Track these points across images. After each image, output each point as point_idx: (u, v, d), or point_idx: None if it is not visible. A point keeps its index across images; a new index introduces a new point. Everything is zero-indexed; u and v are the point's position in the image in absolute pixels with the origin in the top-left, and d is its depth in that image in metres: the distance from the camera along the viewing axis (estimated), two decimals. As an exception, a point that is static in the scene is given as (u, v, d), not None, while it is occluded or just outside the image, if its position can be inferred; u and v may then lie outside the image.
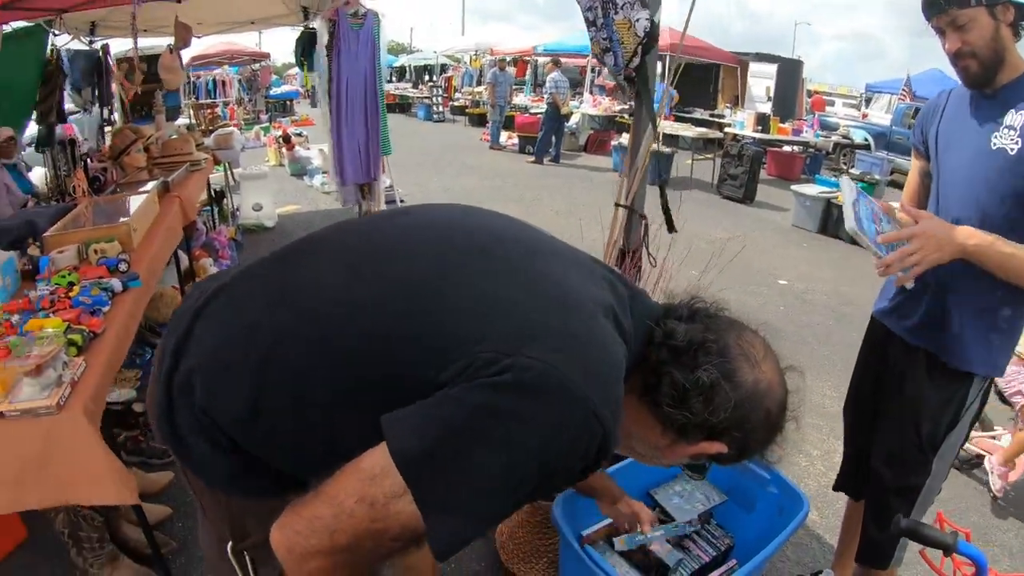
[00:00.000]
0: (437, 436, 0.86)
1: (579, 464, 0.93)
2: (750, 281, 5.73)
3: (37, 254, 2.72)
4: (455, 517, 0.86)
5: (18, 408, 1.72)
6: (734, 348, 1.05)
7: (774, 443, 1.12)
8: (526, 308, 0.95)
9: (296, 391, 0.98)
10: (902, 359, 1.97)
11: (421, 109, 21.64)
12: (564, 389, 0.87)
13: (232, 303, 1.09)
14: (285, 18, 6.97)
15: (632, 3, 2.03)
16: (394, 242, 1.11)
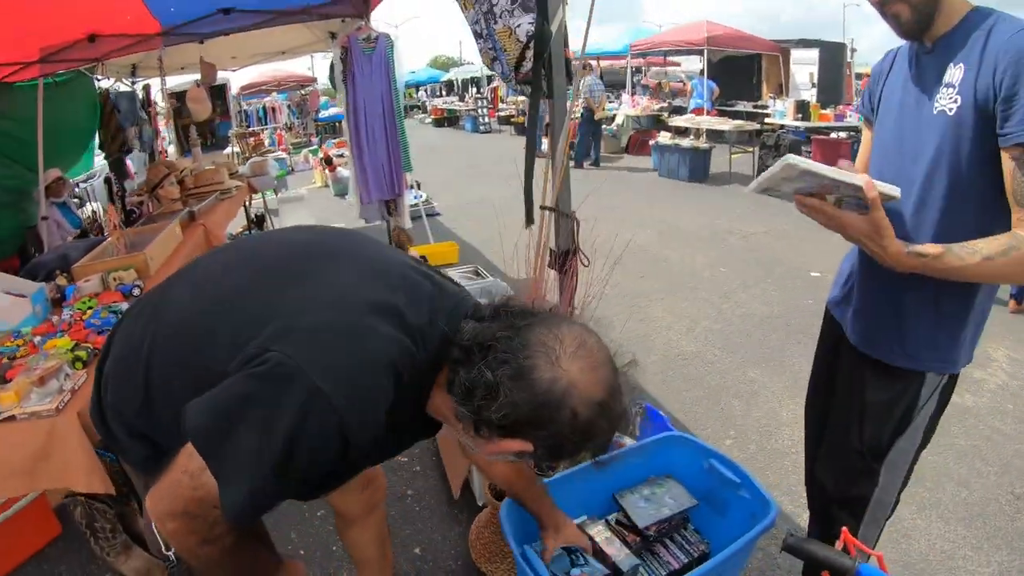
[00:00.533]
0: (213, 416, 1.04)
1: (327, 450, 1.04)
2: (779, 275, 5.73)
3: (64, 283, 3.09)
4: (234, 488, 1.01)
5: (26, 411, 2.11)
6: (534, 345, 1.07)
7: (599, 443, 1.15)
8: (293, 310, 1.11)
9: (166, 385, 1.22)
10: (852, 357, 1.76)
11: (468, 121, 21.96)
12: (297, 378, 1.00)
13: (131, 321, 1.36)
14: (314, 45, 7.37)
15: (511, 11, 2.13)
16: (226, 262, 1.34)
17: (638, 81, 17.04)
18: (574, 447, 1.10)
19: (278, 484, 1.03)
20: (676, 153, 10.29)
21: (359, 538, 2.03)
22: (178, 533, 1.07)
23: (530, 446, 1.08)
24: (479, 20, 2.28)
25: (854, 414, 1.75)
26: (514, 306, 1.18)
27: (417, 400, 1.21)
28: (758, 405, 3.67)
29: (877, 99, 1.69)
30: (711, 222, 7.62)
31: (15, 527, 2.85)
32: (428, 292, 1.22)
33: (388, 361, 1.08)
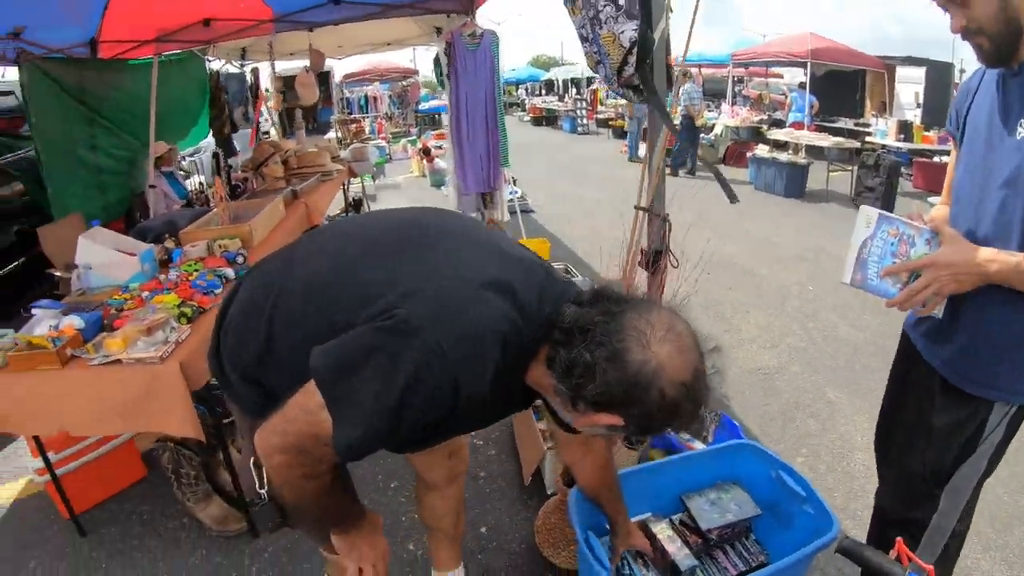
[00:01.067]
0: (338, 361, 1.16)
1: (440, 399, 1.15)
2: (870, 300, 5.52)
3: (172, 247, 3.32)
4: (350, 426, 1.13)
5: (132, 357, 2.29)
6: (627, 330, 1.15)
7: (683, 422, 1.21)
8: (419, 277, 1.22)
9: (288, 337, 1.36)
10: (921, 378, 1.76)
11: (567, 122, 21.91)
12: (422, 334, 1.12)
13: (259, 274, 1.52)
14: (419, 38, 7.56)
15: (615, 18, 2.19)
16: (353, 232, 1.49)
17: (739, 91, 16.69)
18: (661, 424, 1.20)
19: (390, 428, 1.14)
20: (773, 167, 10.03)
21: (437, 505, 2.14)
22: (283, 467, 1.21)
23: (621, 421, 1.18)
24: (585, 25, 2.35)
25: (919, 436, 1.74)
26: (611, 293, 1.26)
27: (518, 372, 1.30)
28: (834, 427, 3.58)
29: (963, 118, 1.65)
30: (804, 240, 7.42)
31: (104, 466, 3.10)
32: (539, 276, 1.33)
33: (499, 332, 1.18)
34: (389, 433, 1.16)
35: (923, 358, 1.74)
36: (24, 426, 2.51)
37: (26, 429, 2.55)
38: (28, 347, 2.38)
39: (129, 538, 2.90)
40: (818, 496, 1.98)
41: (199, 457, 2.84)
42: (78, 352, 2.40)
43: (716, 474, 2.23)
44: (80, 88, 4.90)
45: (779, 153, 10.33)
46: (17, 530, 3.04)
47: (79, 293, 3.06)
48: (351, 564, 1.49)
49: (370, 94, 17.93)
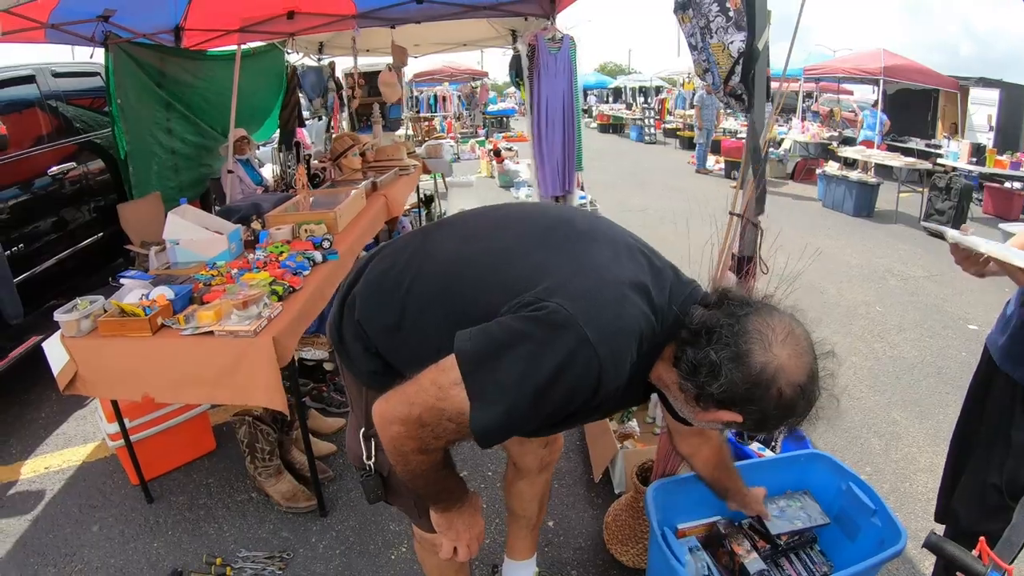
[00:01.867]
0: (484, 344, 1.19)
1: (583, 389, 1.18)
2: (936, 324, 5.40)
3: (259, 228, 3.41)
4: (491, 408, 1.16)
5: (225, 329, 2.36)
6: (751, 333, 1.20)
7: (796, 421, 1.26)
8: (567, 273, 1.26)
9: (420, 316, 1.41)
10: (1004, 393, 1.81)
11: (634, 130, 21.79)
12: (573, 327, 1.15)
13: (391, 254, 1.56)
14: (495, 40, 7.64)
15: (726, 28, 2.21)
16: (494, 223, 1.53)
17: (808, 106, 16.37)
18: (776, 421, 1.25)
19: (530, 412, 1.18)
20: (842, 185, 9.81)
21: (525, 491, 2.18)
22: (400, 437, 1.25)
23: (739, 417, 1.23)
24: (695, 33, 2.39)
25: (998, 449, 1.77)
26: (736, 296, 1.30)
27: (646, 368, 1.35)
28: (898, 447, 3.53)
29: None
30: (872, 260, 7.26)
31: (177, 436, 3.21)
32: (670, 278, 1.38)
33: (638, 330, 1.23)
34: (527, 418, 1.19)
35: (1003, 372, 1.78)
36: (107, 390, 2.59)
37: (109, 392, 2.64)
38: (120, 313, 2.47)
39: (196, 507, 2.99)
40: (887, 509, 1.97)
41: (275, 434, 2.91)
42: (168, 322, 2.48)
43: (786, 482, 2.23)
44: (160, 73, 5.12)
45: (849, 171, 10.11)
46: (84, 492, 3.16)
47: (164, 267, 3.16)
48: (447, 542, 1.53)
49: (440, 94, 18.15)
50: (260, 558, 2.63)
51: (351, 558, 2.66)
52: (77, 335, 2.49)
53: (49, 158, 4.43)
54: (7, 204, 4.00)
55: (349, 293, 1.58)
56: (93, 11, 4.25)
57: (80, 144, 4.81)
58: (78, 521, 2.95)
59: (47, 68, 4.68)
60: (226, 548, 2.73)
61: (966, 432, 2.03)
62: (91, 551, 2.76)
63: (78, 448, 3.57)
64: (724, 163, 13.35)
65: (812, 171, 11.95)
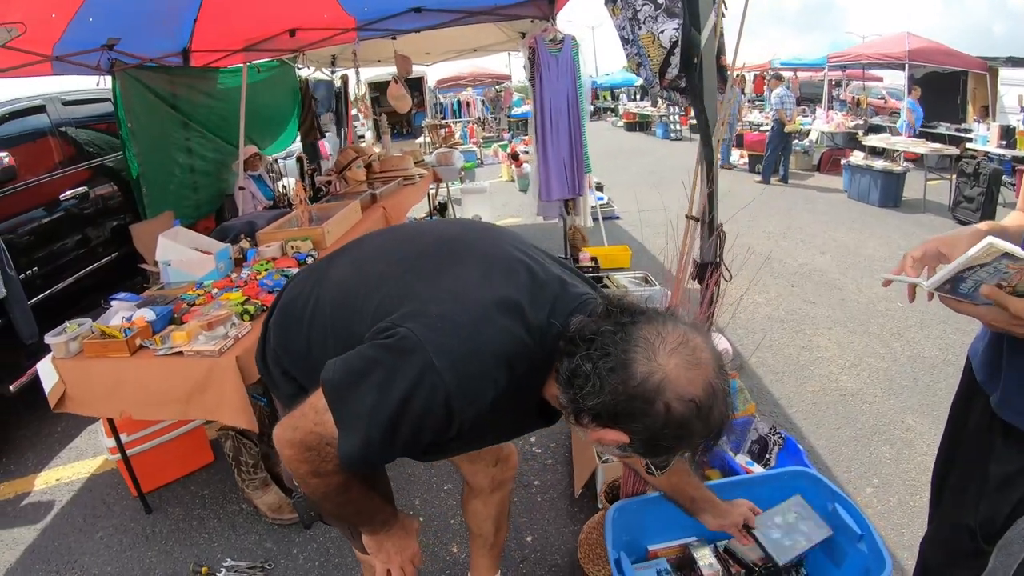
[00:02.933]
0: (343, 373, 1.22)
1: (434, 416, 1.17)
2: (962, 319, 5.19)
3: (248, 246, 3.50)
4: (350, 435, 1.19)
5: (192, 350, 2.45)
6: (636, 340, 1.12)
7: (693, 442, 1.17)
8: (425, 297, 1.27)
9: (322, 341, 1.45)
10: (983, 416, 1.51)
11: (660, 127, 21.64)
12: (419, 352, 1.15)
13: (301, 282, 1.64)
14: (506, 44, 7.68)
15: (655, 17, 2.10)
16: (381, 245, 1.55)
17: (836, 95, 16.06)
18: (669, 444, 1.15)
19: (386, 439, 1.18)
20: (868, 175, 9.56)
21: (480, 511, 2.17)
22: (291, 460, 1.28)
23: (626, 438, 1.15)
24: (625, 26, 2.28)
25: (973, 484, 1.52)
26: (625, 304, 1.23)
27: (534, 389, 1.33)
28: (910, 456, 3.36)
29: None
30: (896, 253, 7.04)
31: (174, 449, 3.32)
32: (552, 292, 1.33)
33: (500, 352, 1.20)
34: (384, 445, 1.19)
35: (983, 392, 1.51)
36: (91, 407, 2.73)
37: (92, 410, 2.78)
38: (101, 336, 2.59)
39: (190, 518, 3.09)
40: (874, 534, 1.88)
41: (258, 447, 2.98)
42: (147, 343, 2.59)
43: (771, 499, 2.13)
44: (172, 95, 5.27)
45: (874, 160, 9.88)
46: (90, 503, 3.31)
47: (158, 287, 3.27)
48: (379, 564, 1.54)
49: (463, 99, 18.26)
50: (243, 567, 2.71)
51: (329, 570, 2.71)
52: (66, 356, 2.63)
53: (61, 184, 4.60)
54: (22, 230, 4.17)
55: (268, 321, 1.64)
56: (97, 40, 4.40)
57: (92, 168, 4.99)
58: (81, 530, 3.09)
59: (57, 97, 4.87)
60: (214, 557, 2.82)
61: (945, 461, 1.74)
62: (90, 559, 2.89)
63: (88, 461, 3.73)
64: (748, 157, 13.07)
65: (838, 162, 11.68)
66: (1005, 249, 1.10)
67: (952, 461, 1.67)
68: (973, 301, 1.25)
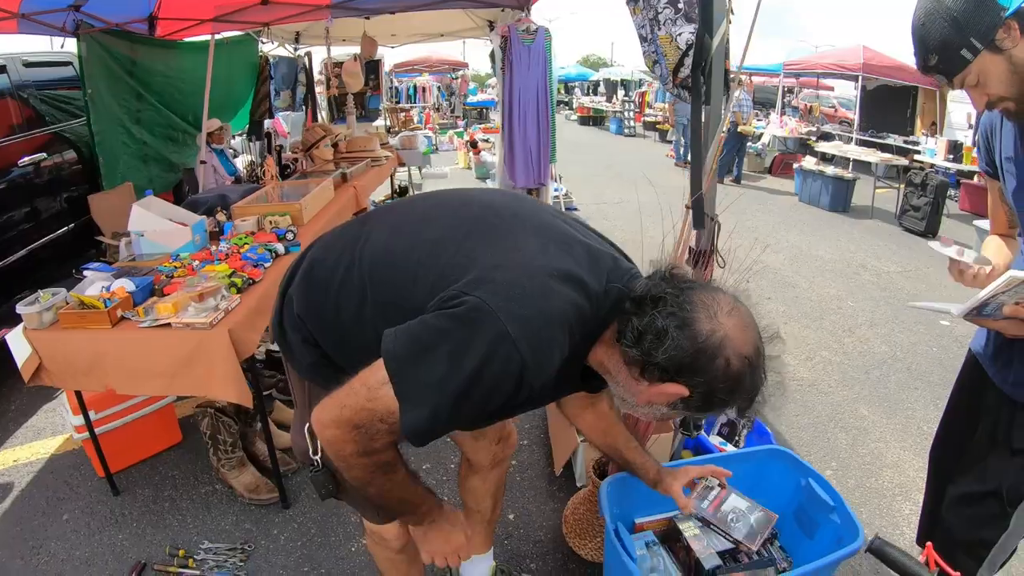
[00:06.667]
0: (408, 344, 1.18)
1: (506, 384, 1.16)
2: (908, 319, 5.45)
3: (223, 220, 3.41)
4: (417, 407, 1.16)
5: (181, 322, 2.36)
6: (696, 303, 1.20)
7: (743, 400, 1.25)
8: (490, 265, 1.24)
9: (358, 305, 1.40)
10: (998, 404, 1.74)
11: (613, 122, 21.86)
12: (492, 321, 1.13)
13: (327, 246, 1.56)
14: (473, 31, 7.62)
15: (674, 20, 2.22)
16: (423, 213, 1.50)
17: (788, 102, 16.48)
18: (722, 397, 1.22)
19: (456, 410, 1.17)
20: (819, 180, 9.90)
21: (478, 487, 2.18)
22: (337, 441, 1.24)
23: (685, 391, 1.20)
24: (645, 25, 2.38)
25: (994, 459, 1.73)
26: (680, 273, 1.31)
27: (584, 355, 1.35)
28: (865, 443, 3.55)
29: (997, 157, 1.64)
30: (846, 255, 7.32)
31: (142, 428, 3.21)
32: (608, 264, 1.36)
33: (566, 320, 1.21)
34: (453, 416, 1.18)
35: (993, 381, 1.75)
36: (71, 381, 2.58)
37: (73, 384, 2.63)
38: (80, 306, 2.47)
39: (161, 499, 2.99)
40: (846, 506, 1.96)
41: (237, 425, 2.92)
42: (128, 315, 2.48)
43: (747, 476, 2.19)
44: (131, 62, 5.07)
45: (826, 166, 10.20)
46: (52, 484, 3.15)
47: (129, 259, 3.15)
48: (424, 553, 1.53)
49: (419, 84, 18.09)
50: (222, 550, 2.64)
51: (312, 550, 2.68)
52: (39, 327, 2.49)
53: (20, 149, 4.39)
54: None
55: (288, 286, 1.58)
56: (64, 0, 4.21)
57: (52, 134, 4.77)
58: (45, 513, 2.94)
59: (18, 57, 4.64)
60: (189, 540, 2.73)
61: (950, 443, 1.98)
62: (57, 543, 2.75)
63: (47, 440, 3.56)
64: (698, 158, 13.29)
65: (790, 166, 12.03)
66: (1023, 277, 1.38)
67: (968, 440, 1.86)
68: (994, 318, 1.52)
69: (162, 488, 3.06)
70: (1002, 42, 1.32)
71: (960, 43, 1.34)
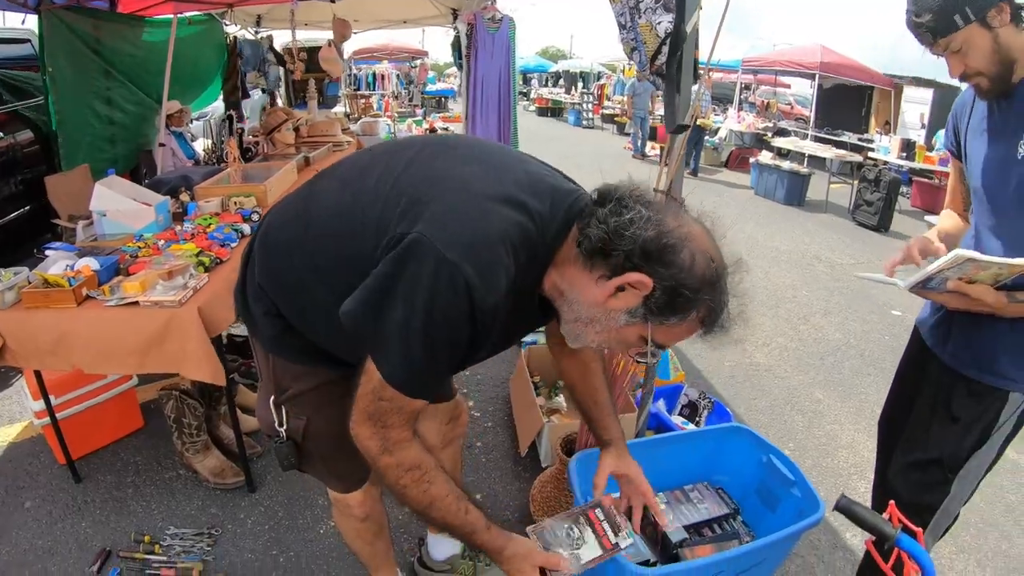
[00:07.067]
0: (363, 300, 1.19)
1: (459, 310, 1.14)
2: (862, 308, 5.62)
3: (187, 200, 3.36)
4: (390, 358, 1.18)
5: (150, 300, 2.34)
6: (662, 206, 1.21)
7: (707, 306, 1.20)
8: (426, 199, 1.21)
9: (313, 267, 1.37)
10: (939, 374, 1.83)
11: (572, 114, 21.97)
12: (431, 251, 1.12)
13: (281, 211, 1.52)
14: (436, 19, 7.59)
15: (654, 8, 2.25)
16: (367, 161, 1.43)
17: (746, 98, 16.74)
18: (688, 296, 1.16)
19: (428, 349, 1.17)
20: (775, 174, 10.12)
21: None
22: (362, 440, 1.27)
23: (650, 281, 1.16)
24: (624, 12, 2.41)
25: (936, 428, 1.80)
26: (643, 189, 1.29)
27: (536, 280, 1.31)
28: (820, 425, 3.68)
29: (962, 137, 1.76)
30: (800, 247, 7.51)
31: (103, 413, 3.14)
32: (548, 184, 1.33)
33: (507, 239, 1.18)
34: (429, 357, 1.18)
35: (934, 353, 1.84)
36: (35, 361, 2.49)
37: (38, 364, 2.53)
38: (44, 284, 2.40)
39: (124, 486, 2.93)
40: (806, 480, 2.00)
41: (202, 408, 2.88)
42: (93, 293, 2.43)
43: (708, 453, 2.27)
44: (97, 40, 4.91)
45: (781, 161, 10.42)
46: (11, 473, 3.06)
47: (91, 239, 3.09)
48: None
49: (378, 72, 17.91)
50: (189, 535, 2.61)
51: (280, 533, 2.67)
52: (2, 307, 2.42)
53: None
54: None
55: (249, 256, 1.56)
56: (22, -25, 4.09)
57: (7, 114, 4.62)
58: (4, 503, 2.86)
59: (-28, 34, 4.48)
60: (154, 526, 2.69)
61: (896, 413, 2.08)
62: (19, 532, 2.68)
63: (3, 428, 3.45)
64: (660, 149, 13.44)
65: (746, 160, 12.26)
66: (968, 256, 1.44)
67: (907, 411, 1.98)
68: (938, 291, 1.62)
69: (125, 474, 3.01)
70: (992, 20, 1.44)
71: (955, 9, 1.45)
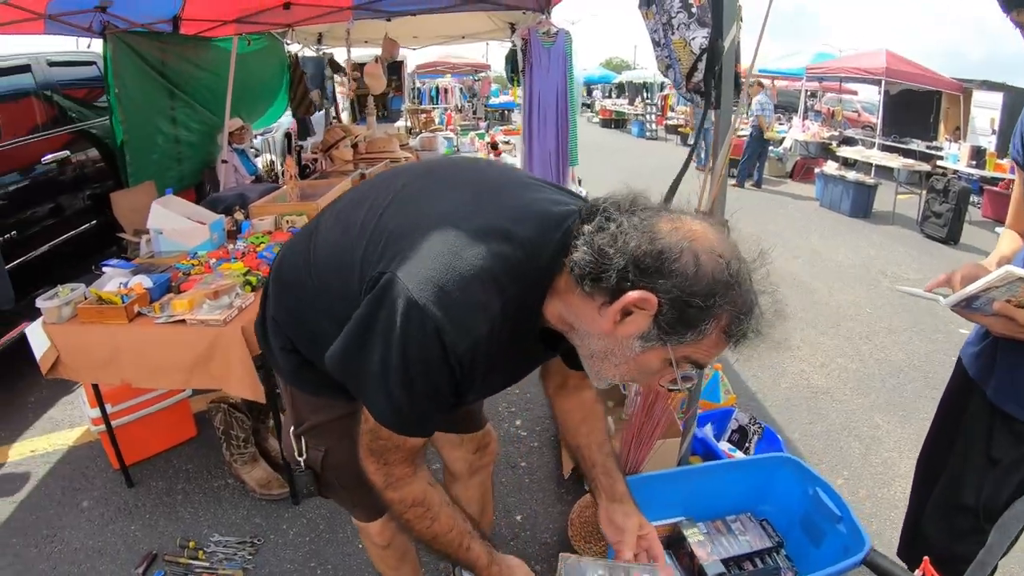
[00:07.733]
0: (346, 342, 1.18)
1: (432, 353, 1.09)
2: (927, 327, 5.39)
3: (241, 218, 3.46)
4: (376, 398, 1.16)
5: (197, 318, 2.42)
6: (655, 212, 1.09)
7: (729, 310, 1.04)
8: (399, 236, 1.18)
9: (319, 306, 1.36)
10: (981, 410, 1.66)
11: (635, 126, 21.82)
12: (401, 290, 1.08)
13: (291, 246, 1.53)
14: (493, 33, 7.67)
15: (688, 24, 2.20)
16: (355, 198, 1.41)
17: (811, 106, 16.33)
18: (700, 304, 1.02)
19: (408, 389, 1.13)
20: (840, 184, 9.80)
21: (461, 495, 2.15)
22: (368, 475, 1.27)
23: (652, 297, 1.03)
24: (658, 29, 2.38)
25: (974, 470, 1.67)
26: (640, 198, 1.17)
27: (532, 310, 1.21)
28: (878, 452, 3.51)
29: None
30: (865, 261, 7.26)
31: (157, 422, 3.26)
32: (536, 209, 1.23)
33: (483, 273, 1.10)
34: (412, 398, 1.14)
35: (978, 387, 1.67)
36: (87, 374, 2.66)
37: (90, 377, 2.70)
38: (98, 301, 2.53)
39: (174, 492, 3.04)
40: (852, 516, 1.92)
41: (250, 421, 2.96)
42: (145, 311, 2.54)
43: (754, 482, 2.21)
44: (161, 62, 5.15)
45: (847, 171, 10.12)
46: (68, 475, 3.23)
47: (148, 256, 3.22)
48: None
49: (441, 86, 18.17)
50: (232, 543, 2.68)
51: (320, 545, 2.71)
52: (58, 321, 2.56)
53: (43, 146, 4.49)
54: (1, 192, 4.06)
55: (266, 290, 1.57)
56: (90, 2, 4.30)
57: (75, 132, 4.87)
58: (60, 503, 3.01)
59: (43, 56, 4.74)
60: (200, 532, 2.78)
61: (937, 451, 1.89)
62: (71, 532, 2.81)
63: (64, 432, 3.63)
64: (726, 161, 13.21)
65: (811, 170, 11.92)
66: (1020, 275, 1.30)
67: (947, 449, 1.80)
68: (983, 313, 1.46)
69: (175, 481, 3.12)
70: None
71: None
